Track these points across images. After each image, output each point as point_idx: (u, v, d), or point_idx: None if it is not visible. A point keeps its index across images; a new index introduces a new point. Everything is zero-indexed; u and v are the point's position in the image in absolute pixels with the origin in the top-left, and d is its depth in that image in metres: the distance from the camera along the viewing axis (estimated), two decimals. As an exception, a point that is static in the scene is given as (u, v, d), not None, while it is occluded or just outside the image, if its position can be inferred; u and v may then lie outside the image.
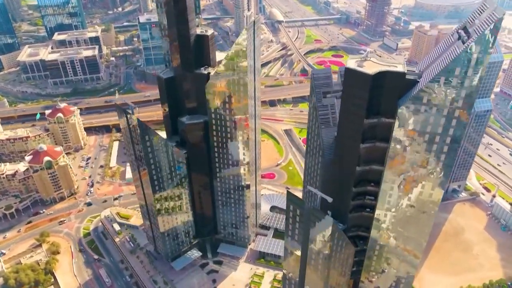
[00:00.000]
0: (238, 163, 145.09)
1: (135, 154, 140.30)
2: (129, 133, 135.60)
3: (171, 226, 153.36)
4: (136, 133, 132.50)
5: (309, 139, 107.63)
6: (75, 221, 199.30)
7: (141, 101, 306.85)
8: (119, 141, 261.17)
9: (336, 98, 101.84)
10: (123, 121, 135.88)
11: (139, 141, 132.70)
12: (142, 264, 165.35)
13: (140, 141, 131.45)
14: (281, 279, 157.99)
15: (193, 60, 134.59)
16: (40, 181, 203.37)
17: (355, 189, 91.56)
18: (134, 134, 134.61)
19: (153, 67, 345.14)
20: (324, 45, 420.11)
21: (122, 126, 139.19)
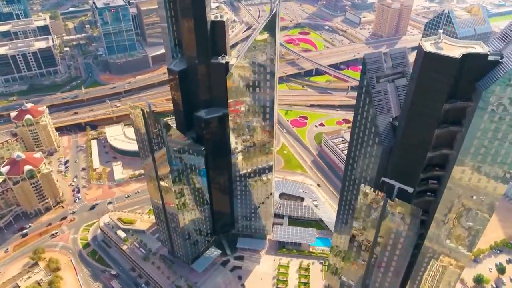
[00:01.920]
0: (260, 153, 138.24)
1: (152, 156, 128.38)
2: (146, 132, 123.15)
3: (190, 225, 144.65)
4: (156, 133, 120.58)
5: (358, 127, 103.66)
6: (69, 232, 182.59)
7: (110, 94, 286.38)
8: (97, 140, 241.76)
9: (389, 82, 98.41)
10: (139, 120, 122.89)
11: (160, 142, 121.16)
12: (159, 270, 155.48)
13: (163, 143, 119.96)
14: (306, 266, 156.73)
15: (210, 49, 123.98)
16: (22, 193, 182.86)
17: (423, 175, 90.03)
18: (152, 134, 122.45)
19: (116, 55, 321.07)
20: (288, 22, 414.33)
21: (136, 125, 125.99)
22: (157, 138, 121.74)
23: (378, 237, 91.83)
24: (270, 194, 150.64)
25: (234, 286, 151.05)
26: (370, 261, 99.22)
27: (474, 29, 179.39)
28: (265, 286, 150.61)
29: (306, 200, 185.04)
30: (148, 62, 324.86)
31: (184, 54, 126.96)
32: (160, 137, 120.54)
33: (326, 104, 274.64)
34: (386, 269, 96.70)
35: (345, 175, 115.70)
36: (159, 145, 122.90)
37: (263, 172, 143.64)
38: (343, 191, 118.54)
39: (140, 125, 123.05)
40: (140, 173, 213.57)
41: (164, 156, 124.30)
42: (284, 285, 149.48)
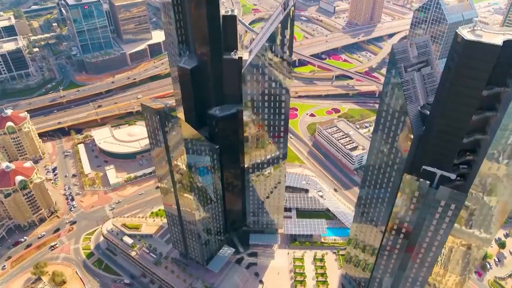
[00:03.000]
0: (272, 148, 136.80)
1: (168, 156, 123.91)
2: (162, 135, 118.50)
3: (205, 225, 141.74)
4: (173, 133, 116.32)
5: (384, 117, 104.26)
6: (69, 243, 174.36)
7: (91, 95, 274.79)
8: (84, 144, 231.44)
9: (416, 71, 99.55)
10: (154, 123, 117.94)
11: (177, 142, 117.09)
12: (174, 274, 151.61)
13: (183, 144, 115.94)
14: (321, 257, 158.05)
15: (222, 44, 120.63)
16: (15, 205, 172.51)
17: (456, 160, 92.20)
18: (169, 134, 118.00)
19: (91, 54, 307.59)
20: (263, 14, 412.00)
21: (151, 127, 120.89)
22: (174, 139, 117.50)
23: (419, 226, 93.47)
24: (281, 188, 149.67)
25: (252, 283, 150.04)
26: (406, 252, 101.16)
27: (462, 14, 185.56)
28: (283, 280, 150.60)
29: (311, 192, 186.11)
30: (126, 60, 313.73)
31: (195, 51, 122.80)
32: (177, 137, 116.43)
33: (313, 94, 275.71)
34: (423, 258, 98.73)
35: (368, 166, 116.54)
36: (176, 145, 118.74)
37: (275, 166, 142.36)
38: (365, 182, 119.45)
39: (155, 125, 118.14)
40: (136, 175, 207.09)
41: (180, 156, 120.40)
42: (302, 278, 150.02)
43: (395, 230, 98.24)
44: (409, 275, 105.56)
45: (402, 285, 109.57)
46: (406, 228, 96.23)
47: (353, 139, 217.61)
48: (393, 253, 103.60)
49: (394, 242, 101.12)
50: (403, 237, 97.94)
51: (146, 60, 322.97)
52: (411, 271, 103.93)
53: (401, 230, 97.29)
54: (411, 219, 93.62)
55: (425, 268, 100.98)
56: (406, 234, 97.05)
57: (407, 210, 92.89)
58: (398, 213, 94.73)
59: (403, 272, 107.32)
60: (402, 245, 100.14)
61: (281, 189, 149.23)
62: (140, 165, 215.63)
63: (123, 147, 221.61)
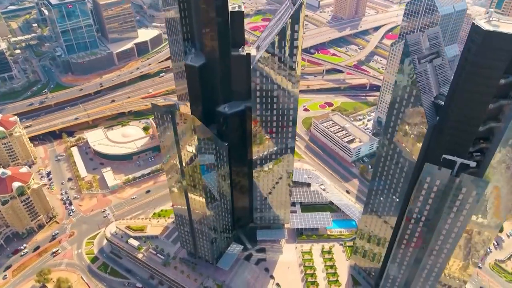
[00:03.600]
0: (281, 142, 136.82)
1: (179, 155, 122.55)
2: (174, 133, 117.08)
3: (215, 223, 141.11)
4: (185, 132, 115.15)
5: (397, 108, 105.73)
6: (71, 248, 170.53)
7: (79, 96, 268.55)
8: (77, 147, 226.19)
9: (428, 63, 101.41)
10: (165, 122, 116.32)
11: (190, 141, 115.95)
12: (184, 274, 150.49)
13: (196, 142, 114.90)
14: (329, 249, 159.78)
15: (230, 41, 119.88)
16: (13, 212, 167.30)
17: (472, 148, 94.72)
18: (181, 133, 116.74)
19: (77, 55, 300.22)
20: (248, 10, 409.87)
21: (161, 127, 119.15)
22: (186, 137, 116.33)
23: (438, 214, 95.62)
24: (289, 183, 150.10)
25: (263, 279, 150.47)
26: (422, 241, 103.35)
27: (453, 6, 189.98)
28: (294, 274, 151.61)
29: (313, 185, 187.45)
30: (113, 60, 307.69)
31: (203, 48, 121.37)
32: (189, 136, 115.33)
33: (305, 89, 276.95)
34: (441, 246, 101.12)
35: (379, 157, 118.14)
36: (188, 144, 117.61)
37: (282, 160, 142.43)
38: (376, 174, 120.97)
39: (166, 124, 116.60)
40: (134, 176, 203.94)
41: (192, 155, 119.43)
42: (312, 271, 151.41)
43: (414, 219, 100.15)
44: (426, 263, 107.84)
45: (418, 274, 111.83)
46: (425, 216, 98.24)
47: (349, 132, 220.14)
48: (411, 243, 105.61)
49: (412, 231, 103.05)
50: (422, 225, 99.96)
51: (134, 59, 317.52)
52: (429, 259, 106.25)
53: (420, 219, 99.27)
54: (431, 207, 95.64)
55: (443, 255, 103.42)
56: (425, 223, 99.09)
57: (428, 198, 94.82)
58: (417, 202, 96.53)
59: (419, 262, 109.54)
60: (420, 234, 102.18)
61: (288, 184, 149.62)
62: (137, 166, 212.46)
63: (118, 148, 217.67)
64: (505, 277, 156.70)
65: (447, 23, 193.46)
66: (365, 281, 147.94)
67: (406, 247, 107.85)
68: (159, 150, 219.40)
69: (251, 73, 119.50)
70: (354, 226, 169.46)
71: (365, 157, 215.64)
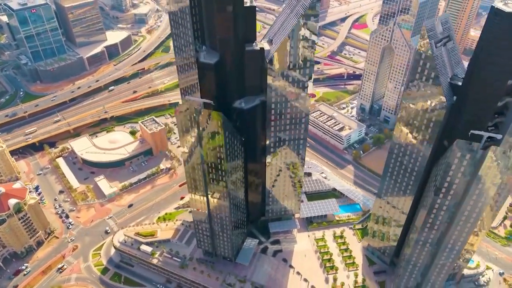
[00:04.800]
0: (294, 133, 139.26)
1: (201, 153, 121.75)
2: (197, 130, 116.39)
3: (234, 219, 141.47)
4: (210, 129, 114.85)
5: (415, 92, 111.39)
6: (77, 262, 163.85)
7: (54, 105, 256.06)
8: (63, 157, 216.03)
9: (443, 46, 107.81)
10: (188, 120, 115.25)
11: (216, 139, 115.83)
12: (204, 274, 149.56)
13: (222, 139, 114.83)
14: (340, 234, 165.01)
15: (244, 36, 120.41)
16: (11, 231, 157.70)
17: (490, 122, 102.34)
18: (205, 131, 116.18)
19: (45, 62, 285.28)
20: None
21: (183, 123, 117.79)
22: (211, 134, 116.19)
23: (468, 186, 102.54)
24: (301, 172, 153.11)
25: (283, 269, 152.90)
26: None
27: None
28: (311, 261, 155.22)
29: (314, 174, 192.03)
30: (84, 65, 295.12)
31: (217, 44, 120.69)
32: (214, 131, 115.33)
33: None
34: (467, 217, 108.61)
35: (394, 142, 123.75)
36: (213, 141, 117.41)
37: (295, 150, 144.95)
38: (392, 155, 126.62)
39: (190, 121, 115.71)
40: (130, 182, 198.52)
41: (216, 151, 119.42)
42: (328, 256, 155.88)
43: (442, 194, 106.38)
44: (450, 238, 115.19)
45: (443, 249, 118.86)
46: (453, 190, 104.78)
47: (338, 120, 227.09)
48: (437, 219, 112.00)
49: (439, 206, 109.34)
50: (450, 199, 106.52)
51: (105, 63, 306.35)
52: (453, 234, 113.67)
53: (449, 193, 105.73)
54: (461, 180, 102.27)
55: (467, 228, 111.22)
56: (454, 197, 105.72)
57: (458, 173, 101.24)
58: (446, 177, 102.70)
59: (443, 237, 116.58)
60: (448, 208, 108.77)
61: (300, 173, 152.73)
62: (132, 172, 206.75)
63: (108, 155, 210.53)
64: (500, 242, 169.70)
65: (423, 11, 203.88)
66: (380, 259, 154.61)
67: (431, 224, 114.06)
68: (151, 154, 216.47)
69: (267, 67, 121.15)
70: (359, 209, 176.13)
71: (355, 144, 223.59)
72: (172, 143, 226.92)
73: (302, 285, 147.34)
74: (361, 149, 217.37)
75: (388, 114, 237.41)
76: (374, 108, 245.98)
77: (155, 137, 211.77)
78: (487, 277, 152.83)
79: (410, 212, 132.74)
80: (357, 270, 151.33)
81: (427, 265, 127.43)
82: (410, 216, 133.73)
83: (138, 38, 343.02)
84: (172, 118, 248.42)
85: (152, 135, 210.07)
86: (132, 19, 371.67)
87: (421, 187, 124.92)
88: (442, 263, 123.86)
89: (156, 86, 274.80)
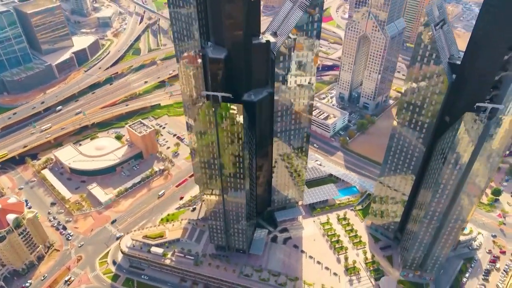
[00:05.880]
0: (300, 122, 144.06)
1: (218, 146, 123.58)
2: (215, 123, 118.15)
3: (248, 211, 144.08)
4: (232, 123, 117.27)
5: (415, 72, 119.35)
6: (84, 272, 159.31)
7: (27, 117, 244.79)
8: (48, 169, 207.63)
9: (440, 29, 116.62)
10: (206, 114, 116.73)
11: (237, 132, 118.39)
12: (220, 268, 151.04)
13: (240, 131, 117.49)
14: (344, 216, 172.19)
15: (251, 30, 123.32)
16: (11, 248, 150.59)
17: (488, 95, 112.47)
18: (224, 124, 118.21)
19: (10, 72, 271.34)
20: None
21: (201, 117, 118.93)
22: (229, 126, 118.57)
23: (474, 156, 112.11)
24: (305, 161, 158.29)
25: (295, 255, 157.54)
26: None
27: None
28: (321, 245, 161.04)
29: (309, 163, 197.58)
30: (54, 73, 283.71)
31: (223, 39, 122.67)
32: (234, 125, 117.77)
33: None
34: (472, 186, 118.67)
35: (397, 122, 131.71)
36: (231, 133, 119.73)
37: (299, 140, 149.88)
38: (394, 138, 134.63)
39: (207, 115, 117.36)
40: (126, 188, 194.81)
41: (233, 144, 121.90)
42: (336, 238, 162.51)
43: (451, 164, 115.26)
44: (457, 208, 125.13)
45: (449, 220, 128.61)
46: (462, 160, 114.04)
47: (322, 109, 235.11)
48: (446, 187, 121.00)
49: (448, 177, 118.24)
50: (459, 169, 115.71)
51: (74, 69, 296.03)
52: (460, 202, 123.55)
53: (457, 163, 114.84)
54: (468, 150, 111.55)
55: (474, 193, 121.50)
56: (462, 166, 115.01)
57: (467, 143, 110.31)
58: (456, 147, 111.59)
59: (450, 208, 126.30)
60: (456, 178, 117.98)
61: (304, 162, 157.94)
62: (124, 177, 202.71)
63: (98, 162, 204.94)
64: (484, 208, 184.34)
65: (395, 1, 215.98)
66: (384, 236, 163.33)
67: (440, 196, 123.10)
68: (142, 157, 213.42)
69: (274, 59, 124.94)
70: (356, 191, 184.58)
71: (340, 131, 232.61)
72: (161, 145, 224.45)
73: (316, 268, 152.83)
74: (347, 136, 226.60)
75: (367, 100, 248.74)
76: (353, 96, 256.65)
77: (145, 139, 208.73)
78: (478, 242, 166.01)
79: (413, 189, 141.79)
80: (365, 248, 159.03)
81: (434, 237, 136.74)
82: (413, 193, 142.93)
83: (105, 42, 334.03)
84: (156, 120, 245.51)
85: (142, 138, 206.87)
86: (96, 23, 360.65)
87: (422, 166, 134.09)
88: (448, 233, 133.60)
89: (133, 89, 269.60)
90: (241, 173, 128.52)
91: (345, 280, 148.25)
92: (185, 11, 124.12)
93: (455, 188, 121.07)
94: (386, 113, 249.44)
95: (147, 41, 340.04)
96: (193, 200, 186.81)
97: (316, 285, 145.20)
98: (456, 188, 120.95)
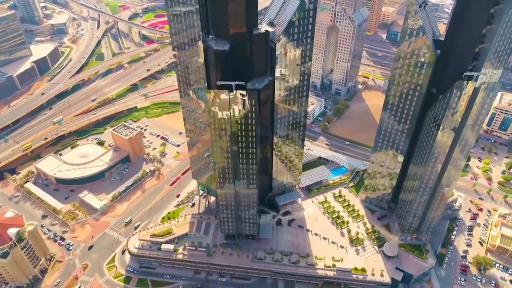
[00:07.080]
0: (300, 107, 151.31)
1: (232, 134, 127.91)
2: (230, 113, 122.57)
3: (257, 197, 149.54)
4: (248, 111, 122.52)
5: (404, 50, 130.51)
6: (94, 279, 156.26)
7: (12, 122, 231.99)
8: (32, 182, 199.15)
9: (424, 9, 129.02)
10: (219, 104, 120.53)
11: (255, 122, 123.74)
12: (232, 256, 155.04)
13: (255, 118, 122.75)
14: (339, 194, 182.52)
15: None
16: (15, 263, 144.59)
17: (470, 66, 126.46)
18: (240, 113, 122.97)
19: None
20: (135, 10, 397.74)
21: (215, 108, 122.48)
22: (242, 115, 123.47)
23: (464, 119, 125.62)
24: (302, 146, 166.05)
25: (302, 234, 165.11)
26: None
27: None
28: (323, 222, 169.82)
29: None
30: (15, 84, 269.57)
31: (225, 32, 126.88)
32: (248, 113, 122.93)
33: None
34: (462, 150, 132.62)
35: (388, 97, 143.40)
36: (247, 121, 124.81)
37: (298, 126, 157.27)
38: (386, 108, 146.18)
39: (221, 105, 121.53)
40: (119, 191, 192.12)
41: (248, 130, 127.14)
42: (336, 214, 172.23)
43: (447, 129, 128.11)
44: (449, 173, 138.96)
45: (442, 183, 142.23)
46: (454, 124, 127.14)
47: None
48: (440, 153, 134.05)
49: (442, 143, 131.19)
50: (450, 134, 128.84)
51: (37, 79, 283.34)
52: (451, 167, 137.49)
53: (450, 127, 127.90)
54: (459, 114, 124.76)
55: (463, 156, 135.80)
56: (455, 130, 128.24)
57: (460, 106, 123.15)
58: (449, 114, 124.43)
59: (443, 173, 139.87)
60: (447, 143, 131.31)
61: (302, 147, 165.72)
62: (115, 181, 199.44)
63: (85, 170, 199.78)
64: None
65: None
66: (378, 207, 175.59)
67: (434, 162, 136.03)
68: (129, 160, 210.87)
69: (273, 48, 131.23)
70: (346, 170, 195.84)
71: (319, 117, 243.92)
72: (146, 146, 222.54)
73: (323, 243, 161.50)
74: (326, 121, 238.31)
75: (339, 86, 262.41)
76: (324, 84, 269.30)
77: (132, 142, 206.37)
78: (459, 203, 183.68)
79: (404, 162, 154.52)
80: (364, 220, 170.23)
81: (428, 203, 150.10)
82: (404, 165, 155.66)
83: (64, 49, 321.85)
84: (136, 123, 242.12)
85: (129, 140, 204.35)
86: (50, 30, 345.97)
87: (412, 139, 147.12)
88: (440, 197, 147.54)
89: (105, 94, 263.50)
90: (253, 160, 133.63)
91: (351, 251, 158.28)
92: (185, 8, 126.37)
93: (447, 153, 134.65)
94: (357, 97, 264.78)
95: (109, 46, 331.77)
96: (190, 196, 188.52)
97: (327, 258, 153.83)
98: (448, 152, 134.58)
